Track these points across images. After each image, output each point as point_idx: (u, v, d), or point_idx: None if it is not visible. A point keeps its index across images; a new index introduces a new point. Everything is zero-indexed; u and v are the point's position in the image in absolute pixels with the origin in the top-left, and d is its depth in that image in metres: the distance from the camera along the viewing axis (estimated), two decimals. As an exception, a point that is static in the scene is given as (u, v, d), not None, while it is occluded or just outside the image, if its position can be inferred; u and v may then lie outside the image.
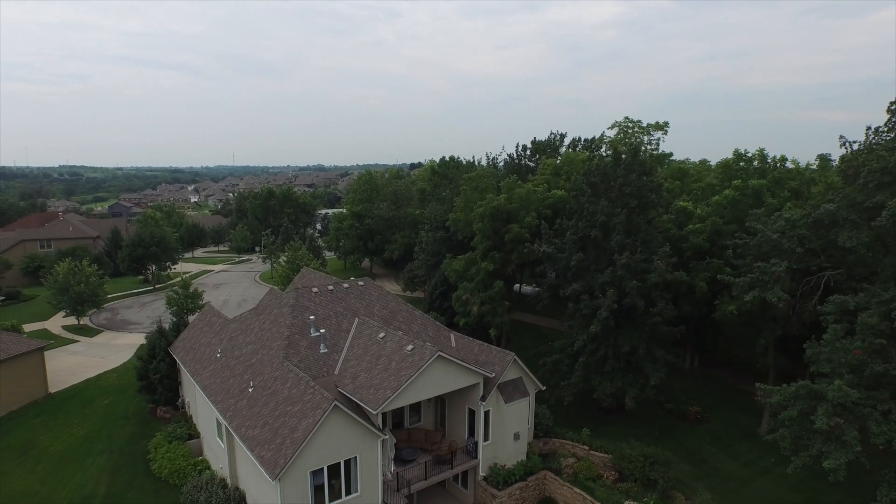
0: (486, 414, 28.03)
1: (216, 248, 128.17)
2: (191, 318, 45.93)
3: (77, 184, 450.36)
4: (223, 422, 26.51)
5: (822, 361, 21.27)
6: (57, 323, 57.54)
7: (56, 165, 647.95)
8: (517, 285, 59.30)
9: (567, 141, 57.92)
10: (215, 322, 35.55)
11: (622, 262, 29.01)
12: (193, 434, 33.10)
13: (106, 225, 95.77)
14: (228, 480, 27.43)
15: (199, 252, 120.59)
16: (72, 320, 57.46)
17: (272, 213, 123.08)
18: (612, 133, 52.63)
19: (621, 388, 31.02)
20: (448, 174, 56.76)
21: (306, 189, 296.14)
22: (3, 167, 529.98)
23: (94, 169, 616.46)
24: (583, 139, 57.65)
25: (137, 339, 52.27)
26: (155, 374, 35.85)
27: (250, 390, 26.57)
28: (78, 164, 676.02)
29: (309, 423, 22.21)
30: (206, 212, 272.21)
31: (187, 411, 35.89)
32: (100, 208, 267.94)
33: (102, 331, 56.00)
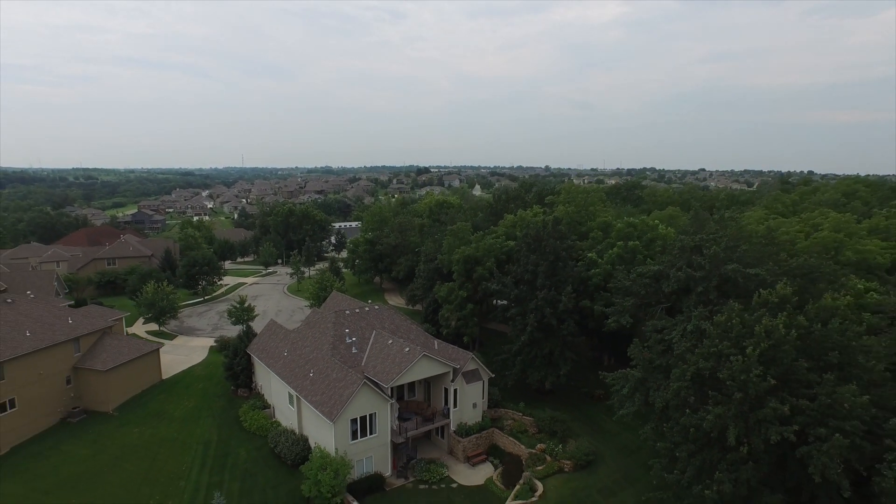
0: (455, 391, 46.37)
1: (242, 260, 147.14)
2: (245, 325, 64.64)
3: (93, 188, 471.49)
4: (295, 394, 45.08)
5: (633, 358, 39.19)
6: (140, 329, 76.54)
7: (70, 168, 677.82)
8: (495, 300, 77.49)
9: (534, 188, 76.16)
10: (279, 332, 54.27)
11: (541, 297, 47.28)
12: (266, 406, 51.82)
13: (157, 244, 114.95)
14: (296, 431, 45.97)
15: (227, 264, 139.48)
16: (152, 326, 76.53)
17: (292, 229, 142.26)
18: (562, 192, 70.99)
19: (544, 376, 49.26)
20: (440, 218, 75.27)
21: (317, 196, 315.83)
22: (23, 170, 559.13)
23: (107, 171, 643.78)
24: (547, 183, 75.31)
25: (206, 342, 71.32)
26: (238, 367, 54.66)
27: (311, 375, 45.11)
28: (90, 167, 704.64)
29: (349, 391, 40.68)
30: (223, 218, 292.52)
31: (259, 391, 54.62)
32: (121, 214, 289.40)
33: (177, 335, 74.90)
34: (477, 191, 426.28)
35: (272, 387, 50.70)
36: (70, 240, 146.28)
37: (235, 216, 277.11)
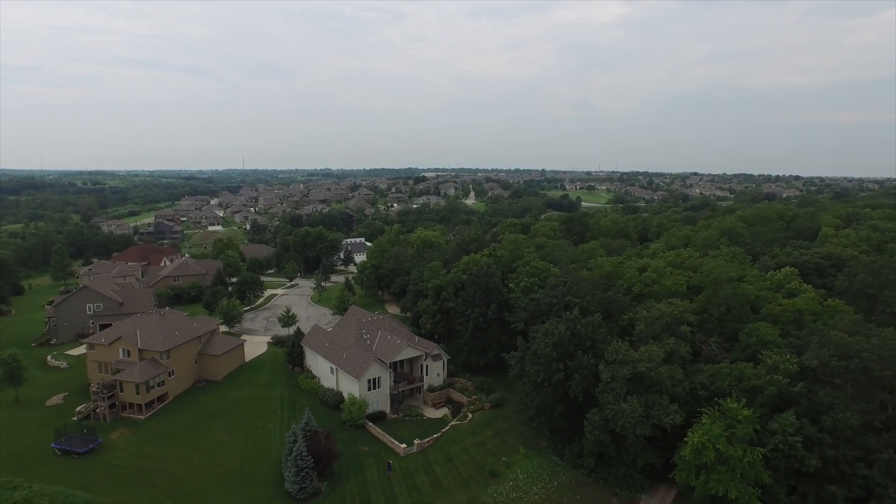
0: (427, 366, 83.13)
1: (267, 273, 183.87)
2: (293, 327, 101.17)
3: (103, 194, 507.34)
4: (335, 367, 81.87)
5: (518, 345, 75.39)
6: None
7: (75, 171, 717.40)
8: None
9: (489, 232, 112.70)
10: (321, 331, 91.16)
11: (476, 311, 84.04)
12: (313, 377, 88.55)
13: (210, 265, 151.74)
14: (335, 388, 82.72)
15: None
16: (223, 328, 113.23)
17: (308, 247, 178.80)
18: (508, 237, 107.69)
19: (480, 357, 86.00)
20: (424, 254, 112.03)
21: (321, 206, 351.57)
22: (30, 173, 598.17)
23: (112, 175, 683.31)
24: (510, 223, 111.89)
25: (264, 339, 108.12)
26: (295, 353, 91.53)
27: (344, 356, 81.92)
28: (93, 168, 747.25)
29: (367, 364, 77.55)
30: (235, 228, 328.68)
31: (308, 369, 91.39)
32: (140, 224, 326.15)
33: (241, 334, 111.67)
34: (471, 199, 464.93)
35: (318, 365, 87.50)
36: (124, 256, 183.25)
37: (247, 227, 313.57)
